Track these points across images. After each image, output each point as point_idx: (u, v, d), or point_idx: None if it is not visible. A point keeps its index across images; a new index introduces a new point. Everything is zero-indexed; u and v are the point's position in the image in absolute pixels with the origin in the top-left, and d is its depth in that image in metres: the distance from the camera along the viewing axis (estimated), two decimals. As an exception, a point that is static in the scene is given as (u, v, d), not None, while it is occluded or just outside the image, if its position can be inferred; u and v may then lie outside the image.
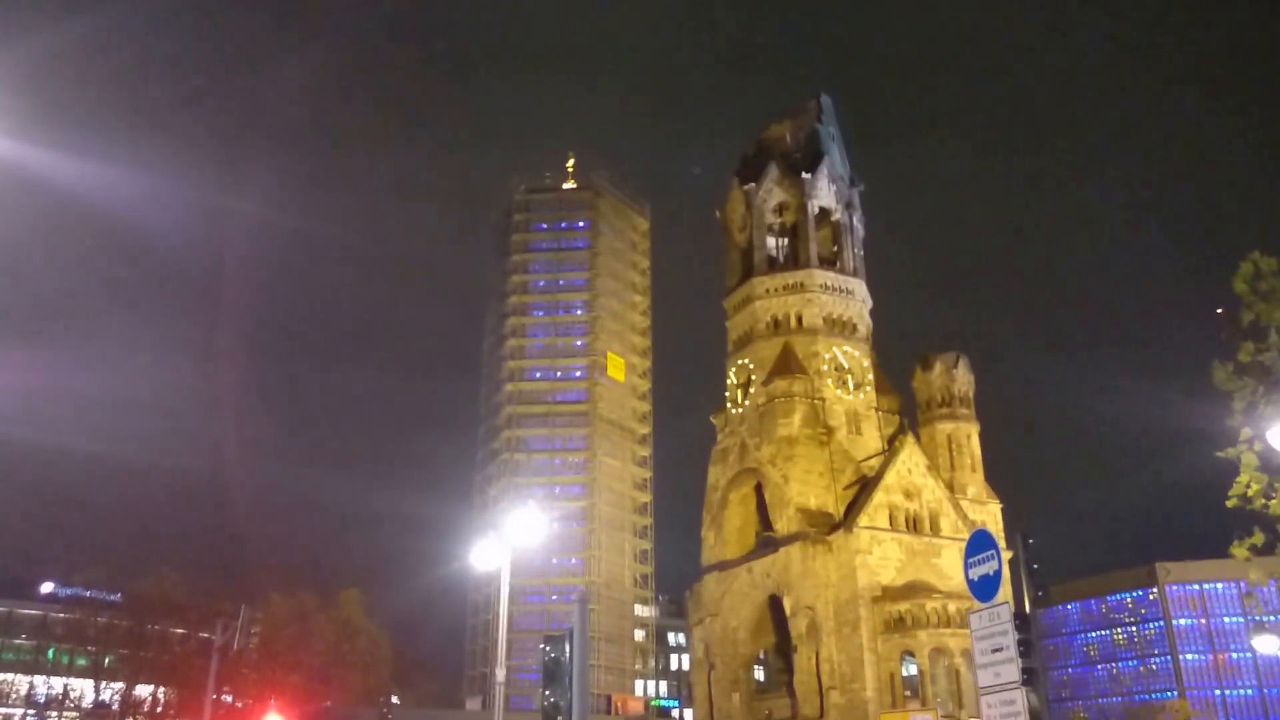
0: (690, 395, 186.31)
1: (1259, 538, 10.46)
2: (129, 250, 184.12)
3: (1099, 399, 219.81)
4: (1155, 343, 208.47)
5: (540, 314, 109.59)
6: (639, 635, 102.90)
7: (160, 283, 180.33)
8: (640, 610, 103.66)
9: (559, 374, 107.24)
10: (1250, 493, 10.45)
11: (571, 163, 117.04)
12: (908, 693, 48.88)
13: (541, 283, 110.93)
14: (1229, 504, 10.76)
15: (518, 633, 75.31)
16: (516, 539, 23.79)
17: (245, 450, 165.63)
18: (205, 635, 52.39)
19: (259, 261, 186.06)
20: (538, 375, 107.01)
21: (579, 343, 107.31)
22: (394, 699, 58.66)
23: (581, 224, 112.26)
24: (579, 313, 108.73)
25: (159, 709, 60.01)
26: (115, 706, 60.75)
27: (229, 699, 55.94)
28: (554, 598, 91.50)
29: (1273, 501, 10.37)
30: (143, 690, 60.13)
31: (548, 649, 14.48)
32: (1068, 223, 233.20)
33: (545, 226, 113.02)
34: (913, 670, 49.79)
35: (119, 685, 60.93)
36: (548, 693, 14.22)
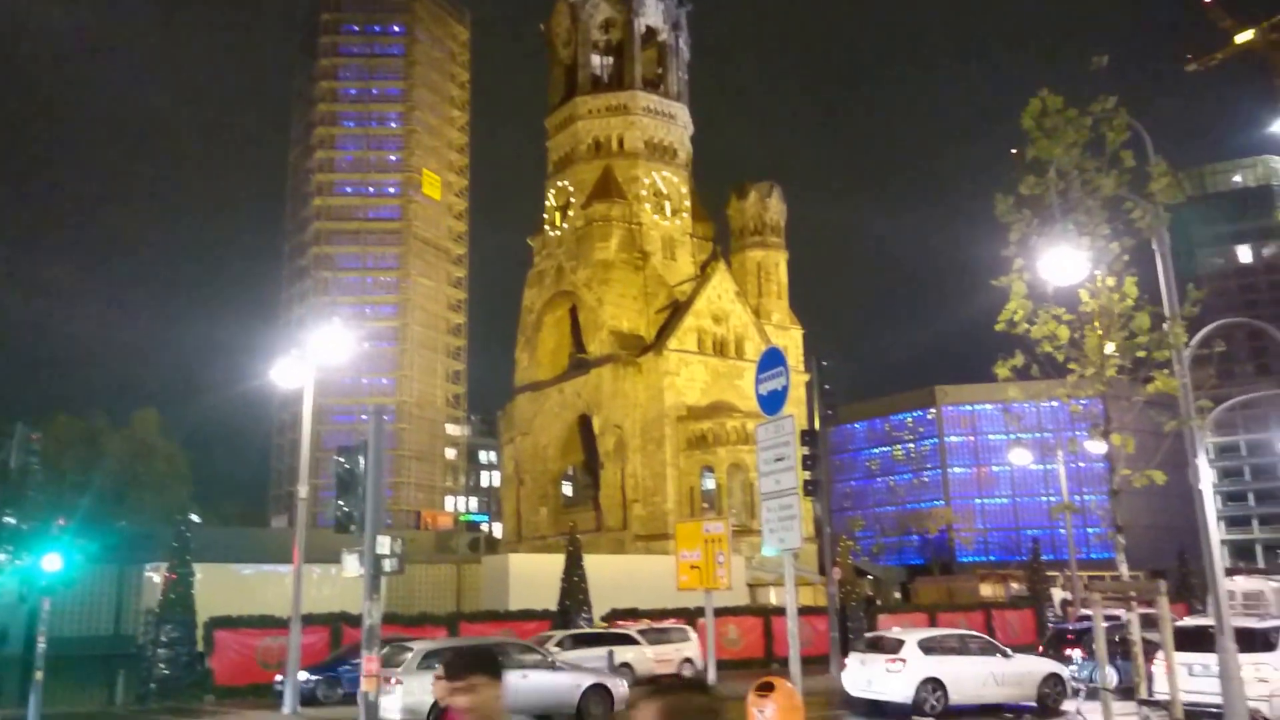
0: (508, 216, 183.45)
1: (1019, 360, 11.12)
2: None
3: (897, 233, 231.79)
4: (953, 181, 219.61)
5: (351, 125, 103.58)
6: (450, 454, 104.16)
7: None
8: (452, 429, 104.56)
9: (371, 190, 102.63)
10: (1016, 318, 11.05)
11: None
12: (705, 505, 51.92)
13: (353, 91, 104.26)
14: (997, 328, 11.36)
15: (326, 451, 74.38)
16: (321, 356, 23.12)
17: (31, 271, 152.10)
18: (-20, 455, 49.12)
19: (43, 66, 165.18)
20: (348, 190, 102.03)
21: (393, 158, 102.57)
22: (194, 518, 57.43)
23: (397, 29, 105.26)
24: (393, 125, 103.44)
25: (-70, 531, 56.61)
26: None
27: (13, 521, 53.26)
28: (363, 417, 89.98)
29: (1034, 327, 11.01)
30: (-91, 512, 56.39)
31: (342, 460, 14.32)
32: (881, 60, 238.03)
33: (357, 29, 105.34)
34: (712, 485, 52.80)
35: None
36: (341, 502, 14.16)
